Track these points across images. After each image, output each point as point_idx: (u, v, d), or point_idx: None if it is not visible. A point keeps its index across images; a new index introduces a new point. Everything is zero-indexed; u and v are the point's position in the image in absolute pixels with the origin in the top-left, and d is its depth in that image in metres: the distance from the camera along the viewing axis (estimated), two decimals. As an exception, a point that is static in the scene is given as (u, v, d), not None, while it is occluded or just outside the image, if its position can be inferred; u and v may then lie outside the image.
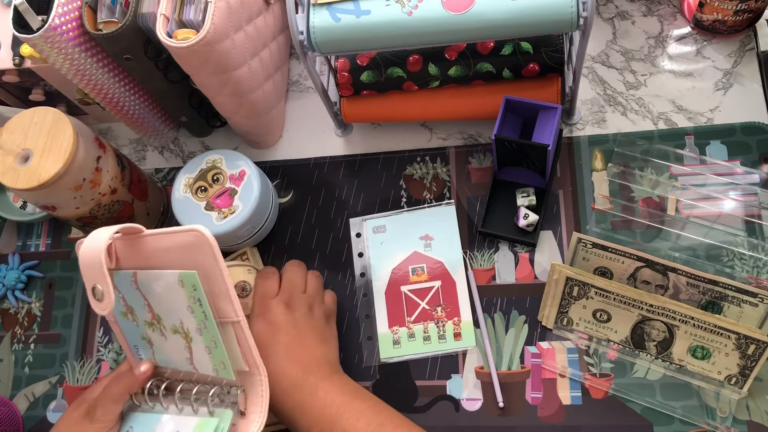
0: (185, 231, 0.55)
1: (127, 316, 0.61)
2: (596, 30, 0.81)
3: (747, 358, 0.64)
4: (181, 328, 0.58)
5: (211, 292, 0.56)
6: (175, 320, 0.58)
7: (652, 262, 0.66)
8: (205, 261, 0.55)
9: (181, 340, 0.59)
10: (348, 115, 0.79)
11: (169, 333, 0.59)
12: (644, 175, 0.74)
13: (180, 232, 0.55)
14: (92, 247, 0.55)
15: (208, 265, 0.55)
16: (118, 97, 0.77)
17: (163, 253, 0.56)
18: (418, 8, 0.62)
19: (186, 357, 0.59)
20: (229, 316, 0.57)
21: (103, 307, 0.55)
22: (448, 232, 0.77)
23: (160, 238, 0.56)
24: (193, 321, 0.57)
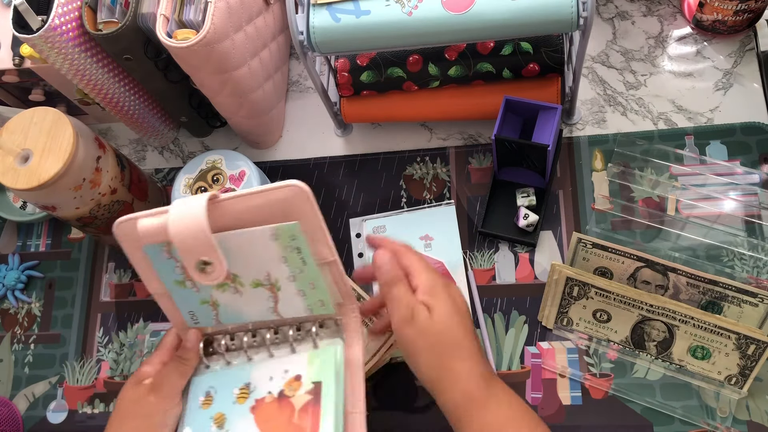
0: (282, 187, 0.56)
1: (184, 284, 0.61)
2: (596, 30, 0.81)
3: (747, 358, 0.64)
4: (267, 280, 0.59)
5: (310, 241, 0.58)
6: (259, 274, 0.59)
7: (652, 262, 0.66)
8: (303, 212, 0.56)
9: (264, 291, 0.60)
10: (348, 115, 0.79)
11: (247, 288, 0.60)
12: (644, 175, 0.74)
13: (275, 189, 0.56)
14: (191, 220, 0.54)
15: (305, 215, 0.57)
16: (118, 97, 0.77)
17: (252, 212, 0.57)
18: (418, 8, 0.62)
19: (268, 307, 0.61)
20: (326, 258, 0.59)
21: (215, 276, 0.56)
22: (448, 233, 0.77)
23: (250, 198, 0.56)
24: (286, 270, 0.59)
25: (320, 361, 0.60)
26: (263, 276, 0.59)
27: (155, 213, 0.56)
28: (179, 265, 0.59)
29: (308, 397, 0.57)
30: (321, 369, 0.59)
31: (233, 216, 0.57)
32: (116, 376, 0.79)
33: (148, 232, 0.56)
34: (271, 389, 0.59)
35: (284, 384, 0.59)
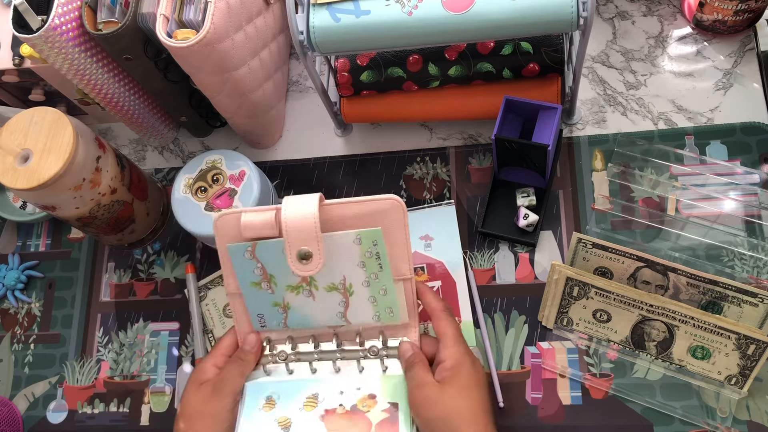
0: (382, 199, 0.60)
1: (260, 285, 0.64)
2: (596, 30, 0.81)
3: (747, 358, 0.64)
4: (341, 284, 0.63)
5: (391, 254, 0.62)
6: (335, 278, 0.62)
7: (652, 262, 0.66)
8: (395, 225, 0.61)
9: (337, 295, 0.63)
10: (348, 115, 0.79)
11: (321, 292, 0.63)
12: (644, 175, 0.74)
13: (376, 200, 0.60)
14: (303, 214, 0.59)
15: (396, 228, 0.61)
16: (118, 97, 0.77)
17: (347, 220, 0.61)
18: (418, 8, 0.62)
19: (338, 312, 0.64)
20: (405, 274, 0.62)
21: (311, 267, 0.60)
22: (448, 232, 0.77)
23: (351, 206, 0.61)
24: (362, 274, 0.62)
25: (394, 384, 0.62)
26: (339, 280, 0.63)
27: (259, 209, 0.61)
28: (259, 266, 0.63)
29: (385, 415, 0.60)
30: (396, 391, 0.62)
31: (331, 219, 0.61)
32: (116, 376, 0.79)
33: (252, 226, 0.60)
34: (342, 402, 0.62)
35: (357, 399, 0.62)
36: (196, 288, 0.79)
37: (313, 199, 0.60)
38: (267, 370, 0.65)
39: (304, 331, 0.66)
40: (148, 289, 0.82)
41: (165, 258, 0.83)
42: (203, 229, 0.73)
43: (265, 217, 0.60)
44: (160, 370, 0.78)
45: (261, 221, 0.60)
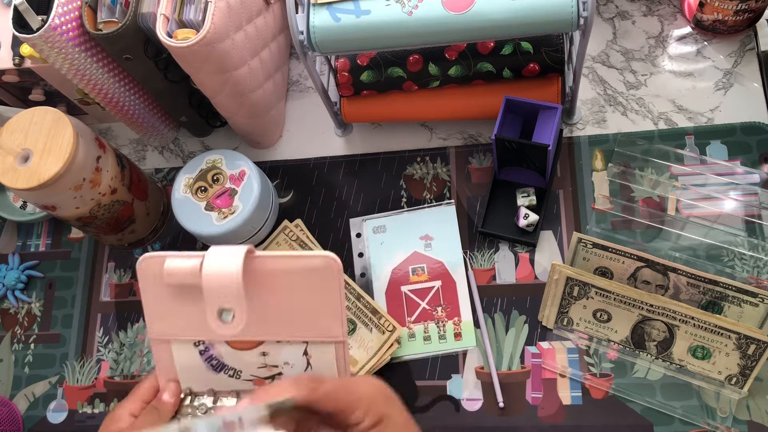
0: (316, 257, 0.56)
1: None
2: (596, 30, 0.81)
3: (747, 358, 0.64)
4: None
5: (319, 314, 0.58)
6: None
7: (653, 262, 0.66)
8: (326, 285, 0.57)
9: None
10: (348, 115, 0.79)
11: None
12: (644, 175, 0.74)
13: (310, 257, 0.57)
14: (227, 270, 0.55)
15: (330, 289, 0.57)
16: (118, 97, 0.77)
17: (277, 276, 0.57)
18: (418, 8, 0.62)
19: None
20: (335, 335, 0.59)
21: (233, 328, 0.56)
22: (448, 232, 0.76)
23: (285, 261, 0.57)
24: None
25: None
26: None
27: (185, 255, 0.57)
28: None
29: None
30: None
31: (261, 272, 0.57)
32: (116, 375, 0.79)
33: (175, 273, 0.56)
34: None
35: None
36: None
37: (238, 252, 0.55)
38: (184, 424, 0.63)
39: (228, 385, 0.62)
40: (148, 289, 0.82)
41: (165, 258, 0.83)
42: (203, 229, 0.73)
43: (189, 264, 0.56)
44: (160, 370, 0.78)
45: (186, 269, 0.56)
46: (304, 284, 0.57)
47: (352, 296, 0.75)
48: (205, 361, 0.62)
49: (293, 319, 0.59)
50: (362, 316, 0.74)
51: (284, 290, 0.58)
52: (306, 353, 0.60)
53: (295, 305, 0.58)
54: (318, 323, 0.59)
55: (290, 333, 0.59)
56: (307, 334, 0.59)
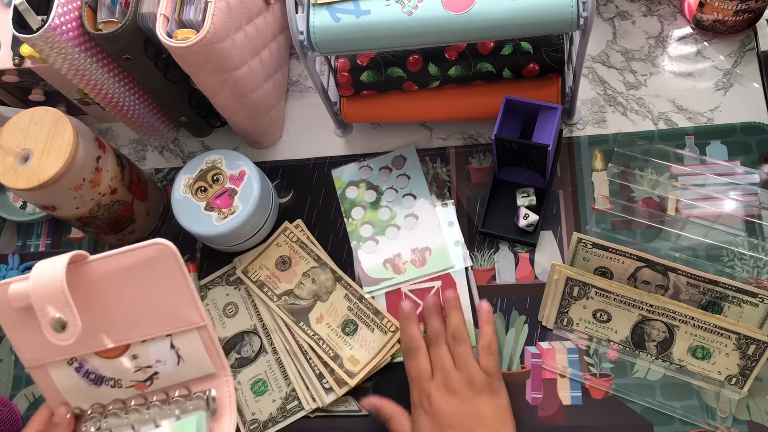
0: (147, 246, 0.56)
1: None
2: (596, 30, 0.81)
3: (747, 358, 0.64)
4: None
5: (170, 303, 0.58)
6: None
7: (653, 262, 0.66)
8: (170, 272, 0.56)
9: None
10: (348, 115, 0.79)
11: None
12: (644, 175, 0.74)
13: (141, 248, 0.56)
14: (49, 278, 0.54)
15: (172, 276, 0.57)
16: (118, 97, 0.77)
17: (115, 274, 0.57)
18: (418, 8, 0.62)
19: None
20: (195, 322, 0.58)
21: (67, 337, 0.54)
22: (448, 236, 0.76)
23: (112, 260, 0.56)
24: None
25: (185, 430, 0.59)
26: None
27: (24, 278, 0.56)
28: None
29: None
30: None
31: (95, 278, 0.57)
32: (116, 376, 0.79)
33: (17, 296, 0.55)
34: None
35: None
36: (197, 288, 0.79)
37: (61, 261, 0.54)
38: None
39: (112, 395, 0.63)
40: (148, 289, 0.82)
41: (165, 258, 0.83)
42: (203, 229, 0.73)
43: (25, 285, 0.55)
44: (160, 370, 0.78)
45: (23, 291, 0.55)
46: (144, 277, 0.57)
47: (354, 297, 0.75)
48: (83, 377, 0.62)
49: (149, 316, 0.58)
50: (364, 317, 0.74)
51: (129, 288, 0.57)
52: (173, 346, 0.60)
53: (145, 301, 0.58)
54: (174, 313, 0.58)
55: (150, 330, 0.59)
56: (166, 327, 0.59)
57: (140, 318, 0.59)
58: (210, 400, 0.61)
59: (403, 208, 0.78)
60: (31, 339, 0.60)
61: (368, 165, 0.81)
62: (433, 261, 0.75)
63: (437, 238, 0.76)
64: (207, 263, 0.81)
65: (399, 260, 0.76)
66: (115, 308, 0.58)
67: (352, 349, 0.72)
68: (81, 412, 0.63)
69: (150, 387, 0.63)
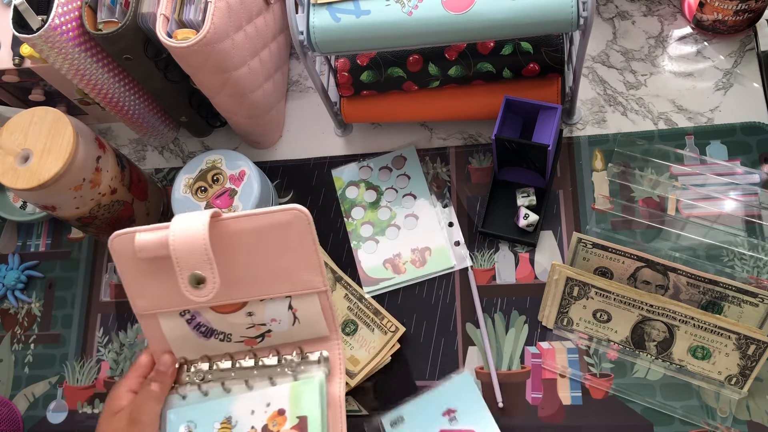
0: (284, 210, 0.56)
1: None
2: (596, 30, 0.81)
3: (747, 358, 0.64)
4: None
5: (297, 267, 0.59)
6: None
7: (653, 262, 0.66)
8: (300, 238, 0.57)
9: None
10: (348, 115, 0.79)
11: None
12: (644, 175, 0.74)
13: (277, 212, 0.57)
14: (192, 234, 0.55)
15: (303, 241, 0.57)
16: (118, 97, 0.77)
17: (250, 233, 0.57)
18: (418, 8, 0.62)
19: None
20: (317, 287, 0.60)
21: (206, 293, 0.56)
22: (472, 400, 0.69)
23: (253, 219, 0.57)
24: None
25: (304, 394, 0.59)
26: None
27: (154, 228, 0.57)
28: None
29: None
30: (305, 402, 0.59)
31: (228, 235, 0.57)
32: (116, 376, 0.79)
33: (146, 247, 0.56)
34: (254, 424, 0.59)
35: (267, 418, 0.59)
36: None
37: (203, 218, 0.55)
38: (182, 393, 0.63)
39: (220, 349, 0.63)
40: (148, 289, 0.82)
41: (165, 258, 0.83)
42: (203, 229, 0.73)
43: (157, 236, 0.56)
44: (160, 370, 0.78)
45: (154, 241, 0.56)
46: (276, 240, 0.57)
47: (354, 297, 0.75)
48: (194, 329, 0.63)
49: (272, 276, 0.59)
50: (364, 317, 0.74)
51: (258, 249, 0.58)
52: (291, 307, 0.61)
53: (271, 262, 0.58)
54: (297, 277, 0.59)
55: (271, 290, 0.60)
56: (288, 289, 0.60)
57: (264, 278, 0.60)
58: (323, 360, 0.62)
59: (403, 208, 0.78)
60: (147, 288, 0.60)
61: (368, 165, 0.81)
62: (433, 261, 0.75)
63: (437, 238, 0.76)
64: (207, 263, 0.81)
65: (399, 260, 0.76)
66: (241, 266, 0.59)
67: (352, 349, 0.72)
68: (184, 361, 0.64)
69: (260, 344, 0.63)
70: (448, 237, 0.76)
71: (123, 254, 0.59)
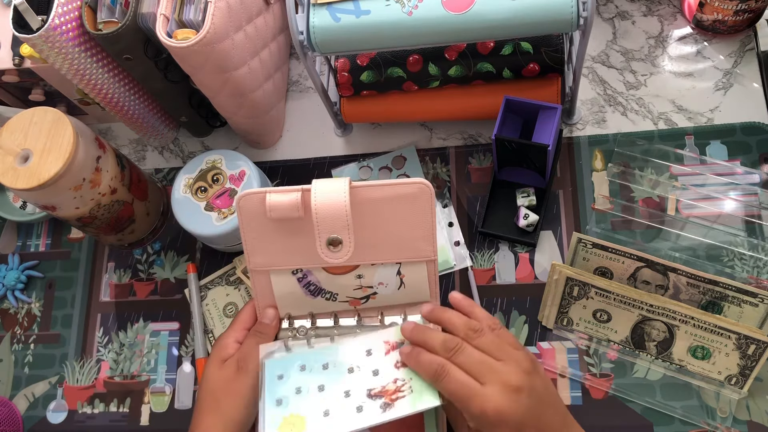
0: (410, 183, 0.60)
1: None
2: (596, 30, 0.81)
3: (747, 358, 0.64)
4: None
5: (413, 236, 0.62)
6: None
7: (652, 262, 0.66)
8: (421, 209, 0.61)
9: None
10: (348, 115, 0.79)
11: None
12: (644, 175, 0.74)
13: (404, 184, 0.60)
14: (334, 199, 0.59)
15: (421, 213, 0.61)
16: (118, 97, 0.77)
17: (378, 202, 0.60)
18: (418, 8, 0.62)
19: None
20: (428, 256, 0.63)
21: (341, 255, 0.60)
22: None
23: (381, 189, 0.60)
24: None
25: None
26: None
27: (285, 190, 0.60)
28: None
29: None
30: None
31: (359, 201, 0.61)
32: (116, 376, 0.79)
33: (277, 207, 0.60)
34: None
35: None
36: (198, 287, 0.79)
37: (343, 184, 0.59)
38: (288, 345, 0.65)
39: (325, 307, 0.66)
40: (148, 289, 0.82)
41: (165, 258, 0.83)
42: (203, 229, 0.73)
43: (290, 197, 0.59)
44: (160, 370, 0.78)
45: (287, 202, 0.59)
46: (399, 210, 0.61)
47: None
48: (303, 288, 0.65)
49: (390, 243, 0.63)
50: None
51: (382, 217, 0.61)
52: (399, 273, 0.64)
53: (391, 230, 0.62)
54: (412, 245, 0.62)
55: (387, 256, 0.63)
56: (401, 256, 0.63)
57: (383, 244, 0.62)
58: None
59: (403, 208, 0.79)
60: (266, 246, 0.63)
61: (368, 165, 0.81)
62: (433, 261, 0.75)
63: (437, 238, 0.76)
64: (207, 263, 0.81)
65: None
66: (366, 232, 0.62)
67: None
68: (289, 318, 0.66)
69: (364, 305, 0.65)
70: (448, 237, 0.76)
71: (248, 212, 0.62)
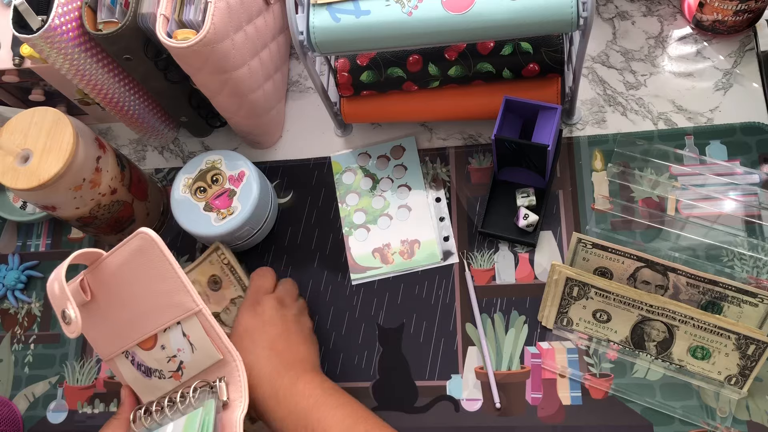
0: (132, 237, 0.59)
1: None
2: (596, 30, 0.81)
3: (747, 358, 0.64)
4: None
5: (167, 291, 0.59)
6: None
7: (652, 262, 0.66)
8: (156, 260, 0.58)
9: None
10: (348, 115, 0.79)
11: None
12: (644, 175, 0.74)
13: (126, 243, 0.59)
14: (53, 279, 0.59)
15: (159, 263, 0.58)
16: (118, 97, 0.77)
17: (122, 268, 0.60)
18: (418, 8, 0.62)
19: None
20: (190, 308, 0.59)
21: (72, 329, 0.57)
22: None
23: (116, 255, 0.60)
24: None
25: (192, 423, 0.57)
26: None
27: None
28: None
29: None
30: None
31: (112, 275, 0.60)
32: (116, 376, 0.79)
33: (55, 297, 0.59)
34: None
35: None
36: None
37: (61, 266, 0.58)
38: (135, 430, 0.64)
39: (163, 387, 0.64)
40: (148, 289, 0.82)
41: (165, 258, 0.83)
42: (202, 230, 0.73)
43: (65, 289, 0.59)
44: (160, 370, 0.78)
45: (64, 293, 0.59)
46: (141, 268, 0.59)
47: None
48: (137, 369, 0.64)
49: (156, 305, 0.60)
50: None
51: (132, 280, 0.60)
52: (185, 334, 0.61)
53: (147, 291, 0.60)
54: (172, 301, 0.60)
55: (163, 319, 0.60)
56: (173, 315, 0.60)
57: (152, 308, 0.60)
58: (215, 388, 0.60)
59: (397, 198, 0.79)
60: (98, 334, 0.64)
61: (366, 152, 0.81)
62: (421, 254, 0.76)
63: (428, 232, 0.76)
64: (207, 263, 0.81)
65: (388, 250, 0.76)
66: (132, 301, 0.61)
67: None
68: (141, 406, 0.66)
69: (182, 377, 0.63)
70: (438, 231, 0.76)
71: None
